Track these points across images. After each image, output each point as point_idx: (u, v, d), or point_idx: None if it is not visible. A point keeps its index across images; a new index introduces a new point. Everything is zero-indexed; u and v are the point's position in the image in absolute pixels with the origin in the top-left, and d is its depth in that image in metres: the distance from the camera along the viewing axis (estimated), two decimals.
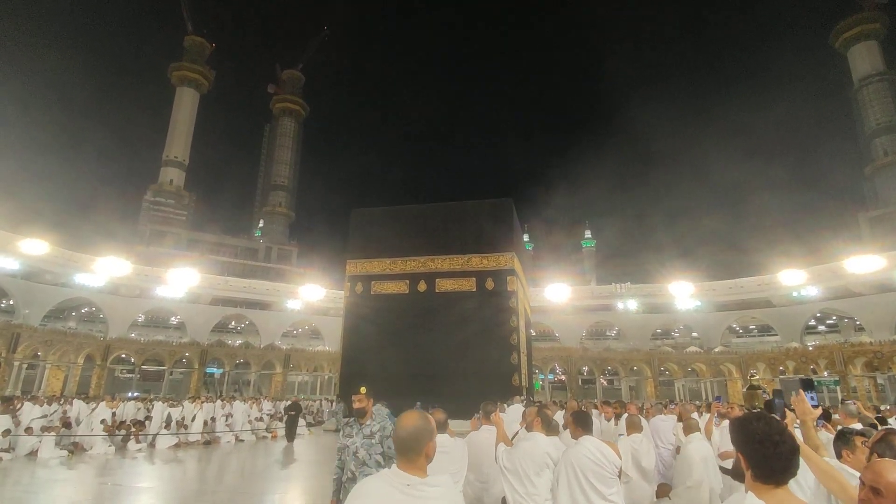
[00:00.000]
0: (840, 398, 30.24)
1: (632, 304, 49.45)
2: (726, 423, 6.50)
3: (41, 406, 13.62)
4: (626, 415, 6.15)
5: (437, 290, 21.03)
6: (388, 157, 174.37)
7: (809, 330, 44.33)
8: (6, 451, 11.02)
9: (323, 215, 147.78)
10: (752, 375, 37.59)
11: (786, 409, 2.72)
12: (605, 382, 45.76)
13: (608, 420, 7.18)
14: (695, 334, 47.98)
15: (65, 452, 11.57)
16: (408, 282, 21.55)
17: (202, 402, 16.14)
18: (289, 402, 19.14)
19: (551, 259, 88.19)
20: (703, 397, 39.26)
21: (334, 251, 63.67)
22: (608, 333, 53.13)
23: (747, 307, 45.58)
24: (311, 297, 50.35)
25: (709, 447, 4.60)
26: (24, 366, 34.84)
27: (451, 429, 4.06)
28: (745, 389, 31.76)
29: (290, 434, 16.25)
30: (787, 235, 61.65)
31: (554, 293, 49.05)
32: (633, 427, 4.63)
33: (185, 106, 74.47)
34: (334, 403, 23.85)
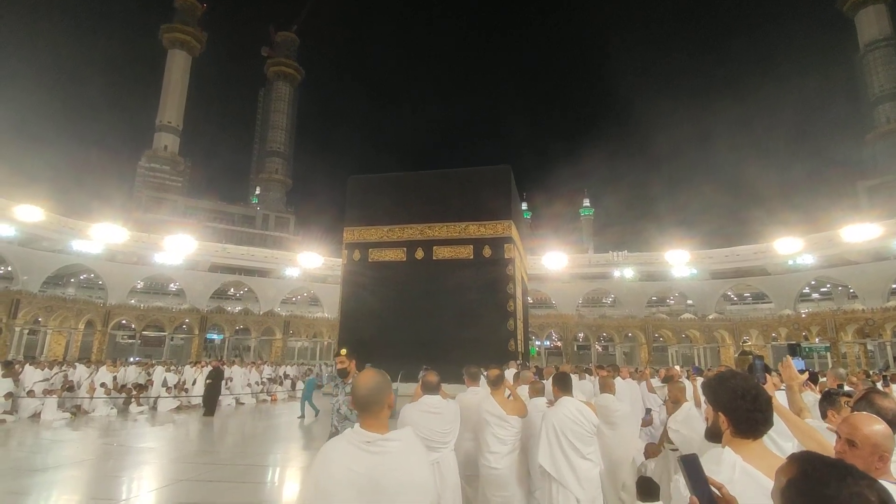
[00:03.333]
0: (830, 364, 30.89)
1: (628, 273, 49.80)
2: None
3: (42, 370, 13.81)
4: (597, 377, 6.28)
5: (434, 258, 21.07)
6: (385, 123, 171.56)
7: (803, 297, 44.81)
8: (9, 413, 11.24)
9: (320, 182, 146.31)
10: (745, 342, 38.25)
11: (766, 374, 2.77)
12: (599, 348, 46.54)
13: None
14: (690, 302, 48.52)
15: (67, 415, 11.81)
16: (405, 249, 21.56)
17: (202, 367, 16.39)
18: (210, 368, 14.50)
19: (549, 227, 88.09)
20: (696, 363, 40.04)
21: (331, 219, 63.33)
22: (604, 301, 53.72)
23: (743, 275, 45.94)
24: (308, 264, 50.46)
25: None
26: (26, 331, 35.19)
27: (445, 391, 4.12)
28: (736, 355, 32.33)
29: (209, 405, 13.11)
30: (785, 204, 61.53)
31: (551, 261, 49.26)
32: (606, 388, 4.74)
33: (178, 69, 72.61)
34: (333, 368, 24.24)
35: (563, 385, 3.52)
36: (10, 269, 38.08)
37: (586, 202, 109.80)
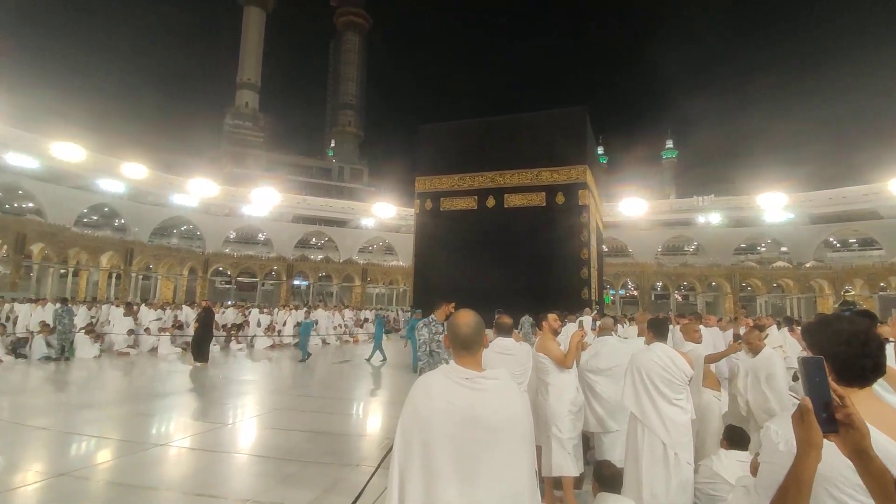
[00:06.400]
0: None
1: (714, 218, 46.32)
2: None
3: (155, 311, 15.66)
4: (677, 326, 5.98)
5: (505, 206, 20.79)
6: (455, 68, 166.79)
7: None
8: (132, 347, 12.98)
9: (391, 133, 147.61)
10: (847, 291, 34.76)
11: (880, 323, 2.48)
12: (679, 298, 44.50)
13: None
14: (784, 249, 44.54)
15: (179, 350, 13.42)
16: (476, 198, 21.42)
17: (291, 310, 17.75)
18: (201, 308, 12.39)
19: (628, 172, 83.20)
20: (787, 313, 37.21)
21: (403, 169, 64.15)
22: (686, 249, 50.69)
23: (849, 219, 41.14)
24: (382, 214, 51.96)
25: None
26: (140, 277, 39.83)
27: (517, 334, 4.15)
28: (836, 305, 29.58)
29: (197, 351, 11.27)
30: None
31: (629, 208, 46.91)
32: (690, 336, 4.51)
33: (254, 26, 74.55)
34: (411, 314, 25.28)
35: (657, 330, 3.40)
36: (123, 221, 42.73)
37: (669, 143, 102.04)
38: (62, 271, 35.56)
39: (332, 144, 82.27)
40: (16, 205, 37.21)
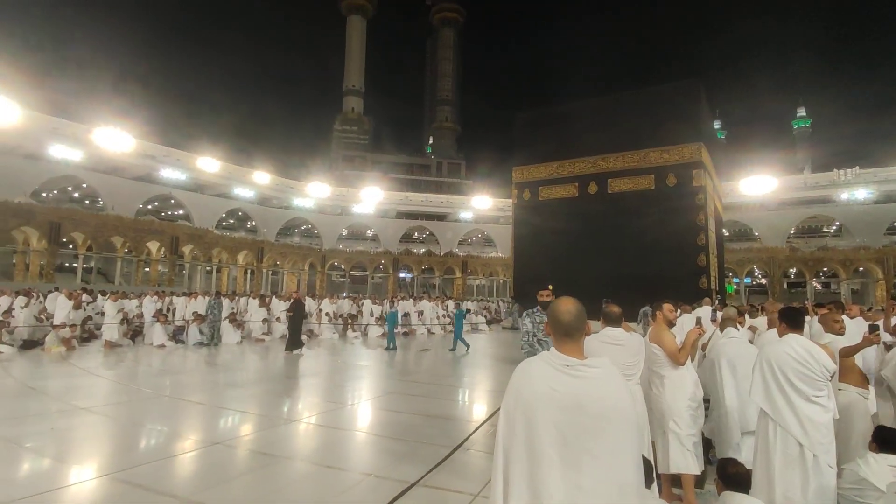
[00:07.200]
0: None
1: (860, 194, 39.77)
2: None
3: (284, 301, 17.41)
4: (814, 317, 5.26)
5: (609, 191, 19.84)
6: (552, 50, 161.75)
7: None
8: (266, 334, 14.61)
9: (488, 124, 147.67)
10: None
11: None
12: (818, 286, 39.09)
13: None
14: None
15: (304, 337, 14.81)
16: (577, 185, 20.70)
17: (398, 301, 18.69)
18: (291, 301, 12.94)
19: (751, 147, 74.57)
20: None
21: (501, 159, 63.90)
22: (825, 230, 44.24)
23: None
24: (480, 206, 52.36)
25: None
26: (270, 272, 44.52)
27: (627, 324, 4.00)
28: None
29: (292, 340, 11.80)
30: None
31: (754, 186, 42.07)
32: (830, 327, 3.97)
33: (356, 34, 79.00)
34: (511, 304, 25.29)
35: (791, 321, 3.08)
36: (254, 223, 48.00)
37: (801, 112, 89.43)
38: (207, 268, 41.02)
39: (431, 141, 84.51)
40: (170, 213, 43.59)
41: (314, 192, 49.88)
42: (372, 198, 52.00)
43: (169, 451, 4.69)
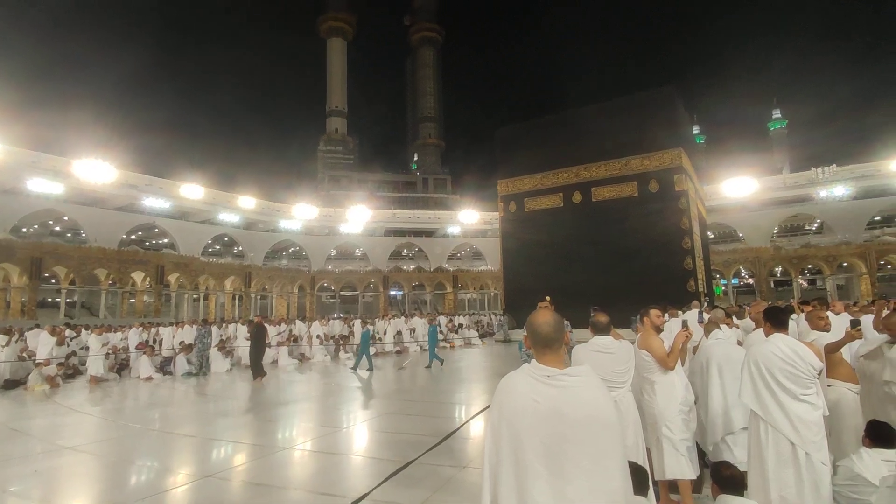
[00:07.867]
0: None
1: (839, 191, 40.73)
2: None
3: (274, 326, 17.20)
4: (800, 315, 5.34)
5: (593, 199, 20.10)
6: (530, 61, 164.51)
7: None
8: None
9: (470, 138, 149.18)
10: None
11: None
12: (804, 283, 39.71)
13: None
14: None
15: (295, 360, 14.62)
16: (561, 195, 20.95)
17: (389, 319, 18.57)
18: (251, 321, 11.56)
19: (729, 150, 76.18)
20: None
21: (486, 172, 64.43)
22: (807, 228, 45.11)
23: None
24: (467, 220, 52.59)
25: None
26: (258, 297, 44.03)
27: (616, 332, 4.02)
28: None
29: (254, 366, 11.32)
30: None
31: (735, 188, 42.88)
32: (816, 324, 4.04)
33: (336, 56, 79.75)
34: (502, 317, 25.26)
35: (775, 320, 3.12)
36: (240, 248, 47.59)
37: (776, 113, 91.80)
38: (195, 296, 40.44)
39: (416, 157, 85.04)
40: (154, 242, 43.07)
41: (301, 214, 49.71)
42: (359, 217, 51.96)
43: (159, 487, 4.57)
